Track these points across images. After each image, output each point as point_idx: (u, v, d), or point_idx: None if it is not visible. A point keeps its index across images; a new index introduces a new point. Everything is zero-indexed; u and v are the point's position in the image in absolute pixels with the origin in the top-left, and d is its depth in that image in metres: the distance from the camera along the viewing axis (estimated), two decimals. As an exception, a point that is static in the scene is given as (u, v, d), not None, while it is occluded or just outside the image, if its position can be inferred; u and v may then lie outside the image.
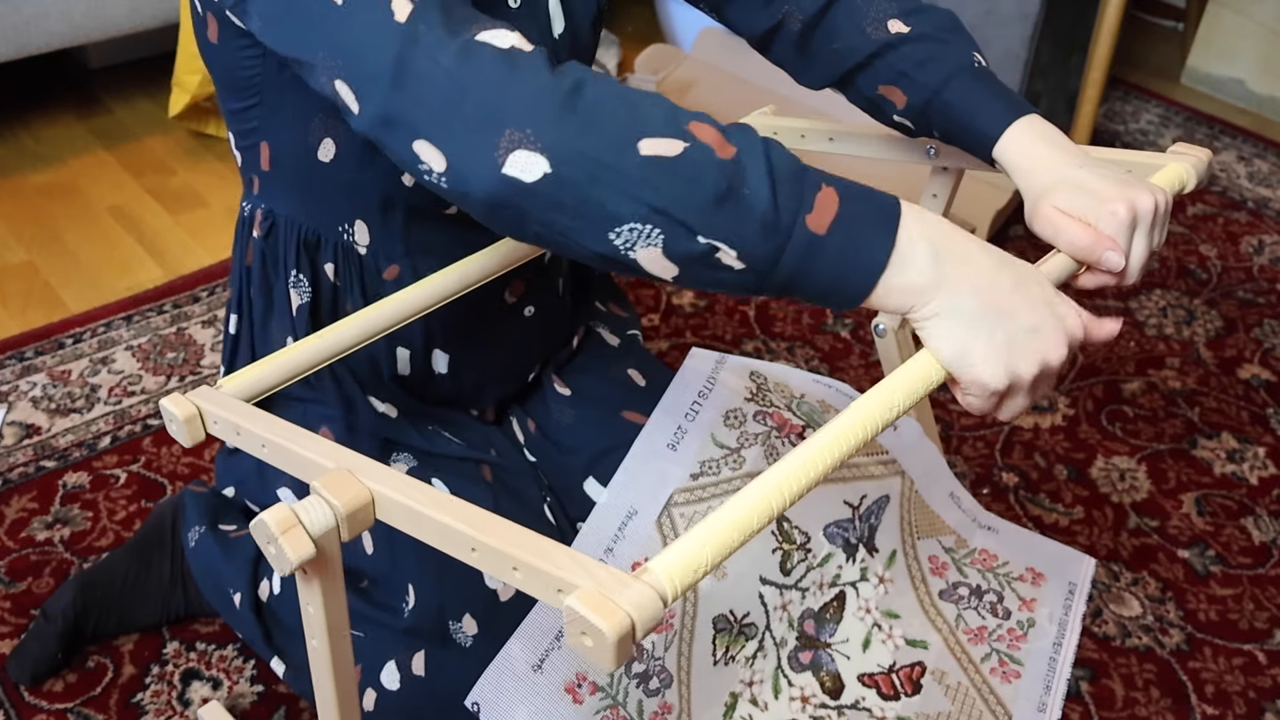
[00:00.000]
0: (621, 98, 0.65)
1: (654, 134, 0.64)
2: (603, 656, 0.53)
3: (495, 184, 0.64)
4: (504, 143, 0.64)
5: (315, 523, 0.65)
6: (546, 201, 0.64)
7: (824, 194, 0.65)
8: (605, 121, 0.64)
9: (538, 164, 0.63)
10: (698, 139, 0.64)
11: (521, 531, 0.60)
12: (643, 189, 0.63)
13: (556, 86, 0.64)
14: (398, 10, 0.67)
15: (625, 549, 1.03)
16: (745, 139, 0.66)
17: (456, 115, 0.65)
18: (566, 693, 0.98)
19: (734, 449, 1.09)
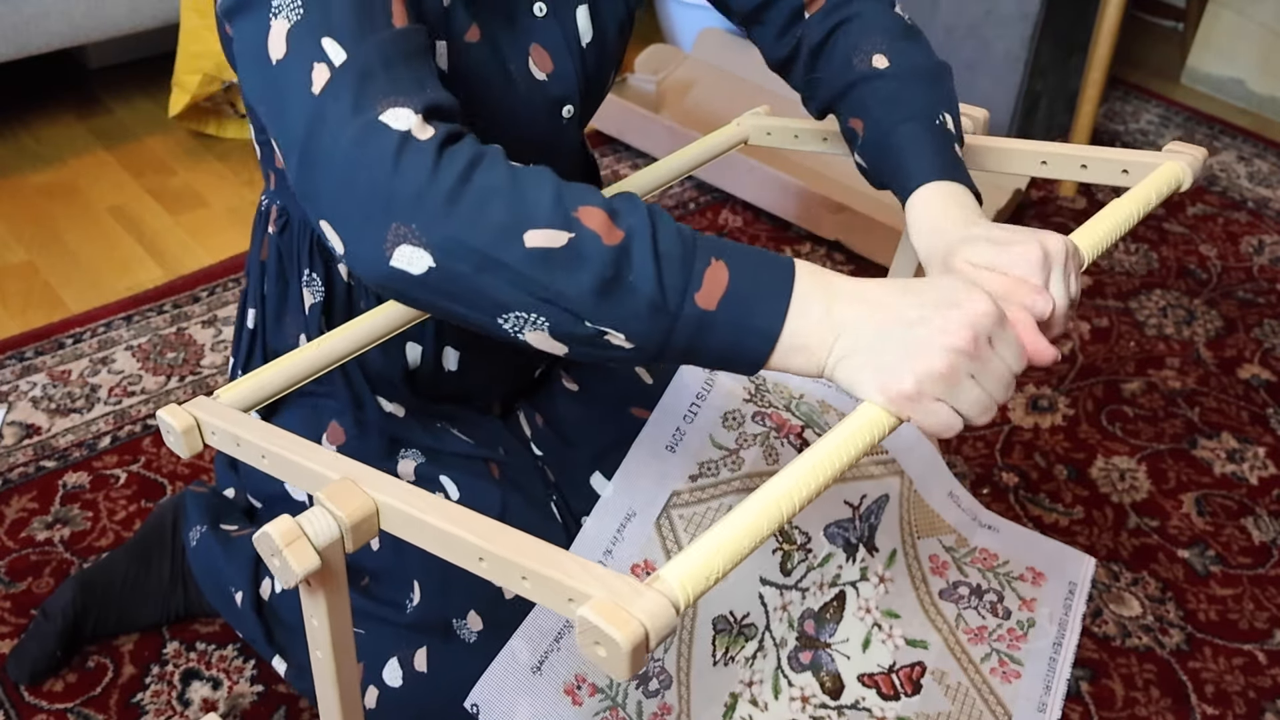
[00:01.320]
0: (509, 187, 0.65)
1: (539, 225, 0.64)
2: (617, 666, 0.53)
3: (384, 275, 0.65)
4: (390, 236, 0.64)
5: (320, 534, 0.65)
6: (434, 291, 0.65)
7: (714, 269, 0.65)
8: (489, 215, 0.64)
9: (423, 258, 0.64)
10: (584, 227, 0.64)
11: (529, 540, 0.60)
12: (528, 280, 0.64)
13: (441, 180, 0.64)
14: (315, 80, 0.67)
15: (624, 550, 1.03)
16: (634, 220, 0.65)
17: (349, 203, 0.65)
18: (566, 694, 0.98)
19: (733, 450, 1.09)
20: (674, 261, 0.65)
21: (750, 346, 0.66)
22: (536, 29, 0.91)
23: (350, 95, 0.66)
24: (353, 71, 0.67)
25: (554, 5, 0.92)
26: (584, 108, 0.97)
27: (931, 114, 0.89)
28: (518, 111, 0.91)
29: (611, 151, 2.23)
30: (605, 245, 0.64)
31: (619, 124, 2.19)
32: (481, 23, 0.86)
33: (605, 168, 2.18)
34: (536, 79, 0.91)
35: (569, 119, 0.96)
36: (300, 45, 0.68)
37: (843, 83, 0.93)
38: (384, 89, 0.67)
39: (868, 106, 0.91)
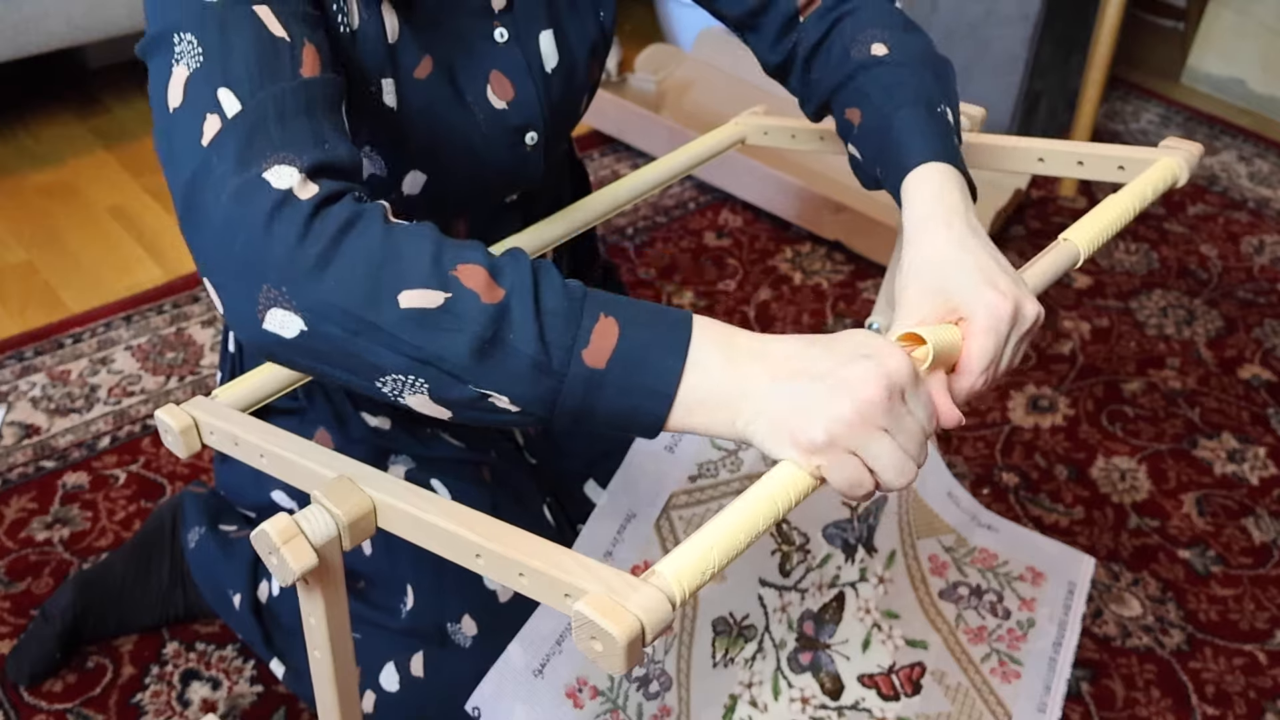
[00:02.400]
0: (384, 245, 0.62)
1: (415, 284, 0.61)
2: (613, 661, 0.53)
3: (258, 336, 0.64)
4: (262, 299, 0.62)
5: (317, 532, 0.65)
6: (309, 354, 0.64)
7: (602, 324, 0.62)
8: (362, 275, 0.61)
9: (294, 322, 0.62)
10: (463, 285, 0.61)
11: (527, 537, 0.60)
12: (403, 343, 0.61)
13: (312, 242, 0.61)
14: (206, 131, 0.65)
15: (624, 552, 1.03)
16: (516, 278, 0.62)
17: (226, 262, 0.63)
18: (567, 697, 0.98)
19: (732, 451, 1.09)
20: (558, 318, 0.62)
21: (646, 407, 0.62)
22: (497, 55, 0.88)
23: (236, 149, 0.64)
24: (244, 124, 0.65)
25: (516, 31, 0.89)
26: (550, 134, 0.94)
27: (933, 102, 0.85)
28: (474, 142, 0.88)
29: (611, 151, 2.23)
30: (484, 304, 0.61)
31: (619, 124, 2.19)
32: (435, 54, 0.84)
33: (605, 168, 2.18)
34: (495, 108, 0.88)
35: (533, 146, 0.93)
36: (197, 93, 0.66)
37: (840, 75, 0.90)
38: (273, 144, 0.64)
39: (866, 93, 0.87)
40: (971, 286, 0.72)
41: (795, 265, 1.92)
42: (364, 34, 0.79)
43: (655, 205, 2.06)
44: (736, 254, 1.95)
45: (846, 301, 1.84)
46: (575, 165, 1.14)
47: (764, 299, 1.83)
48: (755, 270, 1.91)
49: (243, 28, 0.68)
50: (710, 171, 2.05)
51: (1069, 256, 0.82)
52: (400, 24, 0.81)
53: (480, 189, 0.94)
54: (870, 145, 0.87)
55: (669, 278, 1.88)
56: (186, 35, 0.68)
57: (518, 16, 0.89)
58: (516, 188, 0.97)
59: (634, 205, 2.04)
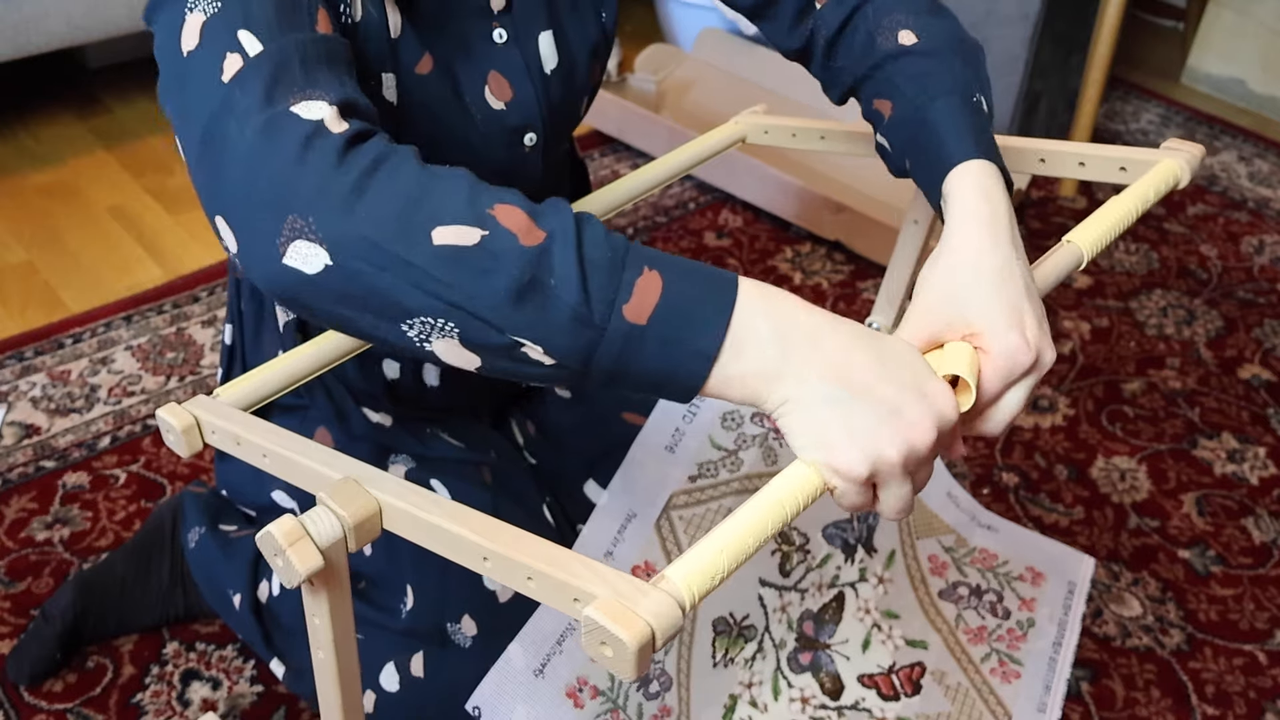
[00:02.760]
0: (419, 181, 0.60)
1: (450, 221, 0.58)
2: (623, 666, 0.53)
3: (277, 274, 0.60)
4: (286, 230, 0.59)
5: (323, 534, 0.65)
6: (331, 294, 0.60)
7: (646, 278, 0.59)
8: (394, 208, 0.58)
9: (318, 255, 0.59)
10: (500, 225, 0.58)
11: (534, 540, 0.60)
12: (434, 282, 0.58)
13: (346, 173, 0.59)
14: (227, 68, 0.63)
15: (625, 552, 1.03)
16: (559, 221, 0.59)
17: (249, 195, 0.60)
18: (567, 697, 0.98)
19: (732, 451, 1.09)
20: (601, 268, 0.58)
21: (685, 369, 0.59)
22: (495, 56, 0.88)
23: (262, 85, 0.61)
24: (268, 63, 0.62)
25: (515, 32, 0.88)
26: (549, 135, 0.93)
27: (968, 91, 0.82)
28: (472, 141, 0.88)
29: (611, 151, 2.23)
30: (523, 246, 0.58)
31: (619, 124, 2.19)
32: (435, 52, 0.84)
33: (605, 168, 2.18)
34: (493, 108, 0.88)
35: (531, 147, 0.92)
36: (214, 35, 0.64)
37: (867, 64, 0.86)
38: (299, 83, 0.62)
39: (896, 84, 0.84)
40: (997, 322, 0.70)
41: (795, 265, 1.92)
42: (366, 27, 0.79)
43: (655, 205, 2.06)
44: (736, 254, 1.95)
45: (846, 301, 1.84)
46: (576, 165, 1.14)
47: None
48: (755, 270, 1.91)
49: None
50: (710, 171, 2.05)
51: (1073, 259, 0.82)
52: (403, 20, 0.81)
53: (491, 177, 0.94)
54: (902, 136, 0.84)
55: (669, 278, 1.88)
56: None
57: (517, 17, 0.89)
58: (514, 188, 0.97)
59: (634, 205, 2.05)
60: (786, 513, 0.60)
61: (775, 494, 0.60)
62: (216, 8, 0.65)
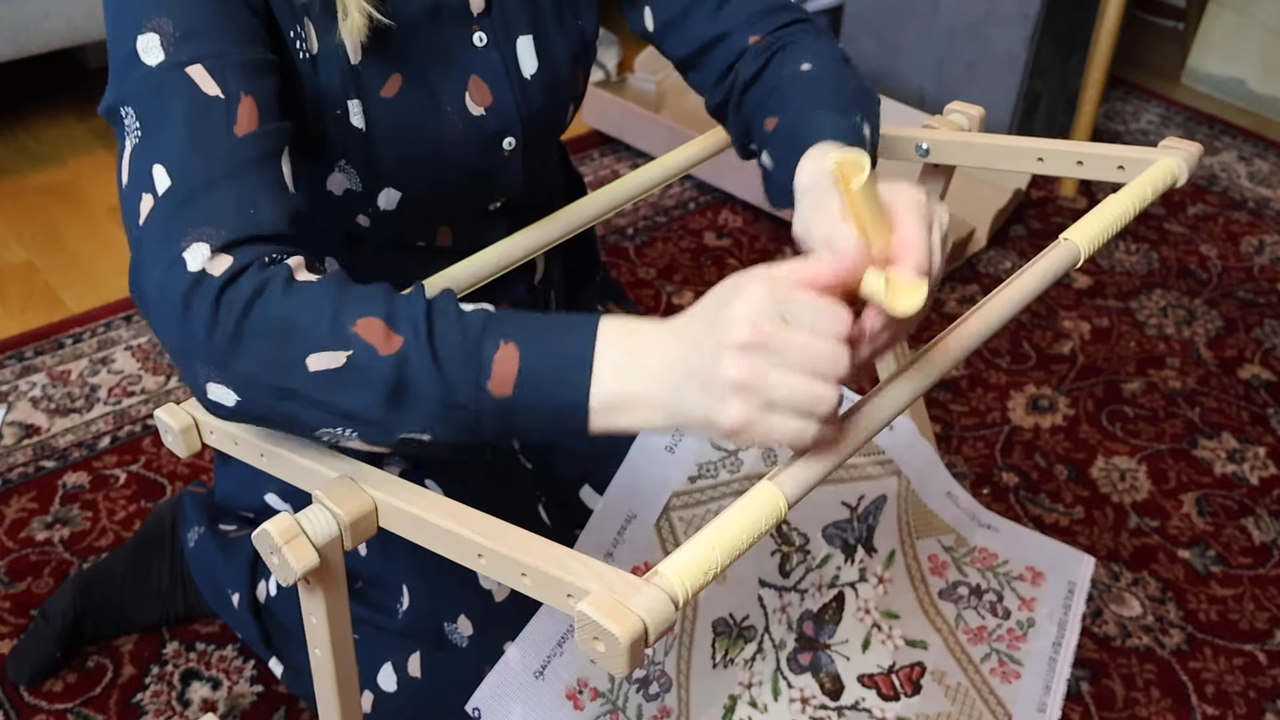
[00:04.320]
0: (285, 315, 0.65)
1: (318, 348, 0.64)
2: (616, 661, 0.53)
3: (207, 405, 0.68)
4: (200, 375, 0.67)
5: (318, 532, 0.65)
6: (251, 418, 0.68)
7: (503, 353, 0.63)
8: (271, 348, 0.65)
9: (228, 394, 0.67)
10: (361, 341, 0.64)
11: (529, 537, 0.60)
12: (321, 404, 0.65)
13: (224, 322, 0.65)
14: (143, 210, 0.69)
15: (624, 553, 1.03)
16: (410, 324, 0.64)
17: (166, 340, 0.68)
18: (567, 699, 0.98)
19: (732, 451, 1.09)
20: (455, 357, 0.63)
21: (566, 420, 0.63)
22: (475, 61, 0.88)
23: (160, 230, 0.67)
24: (170, 202, 0.68)
25: (494, 36, 0.89)
26: (530, 140, 0.93)
27: (851, 112, 0.84)
28: (448, 151, 0.88)
29: (611, 151, 2.23)
30: (382, 356, 0.63)
31: (619, 124, 2.19)
32: (405, 70, 0.84)
33: (605, 168, 2.18)
34: (473, 114, 0.88)
35: (511, 151, 0.92)
36: (136, 171, 0.70)
37: (765, 91, 0.90)
38: (195, 219, 0.67)
39: (785, 101, 0.86)
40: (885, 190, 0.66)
41: (795, 265, 1.92)
42: (324, 58, 0.80)
43: (655, 205, 2.06)
44: (736, 254, 1.95)
45: (846, 301, 1.84)
46: (571, 176, 1.14)
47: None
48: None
49: (176, 94, 0.70)
50: (710, 171, 2.05)
51: (1070, 256, 0.82)
52: (363, 45, 0.81)
53: (458, 200, 0.94)
54: (780, 149, 0.85)
55: (669, 278, 1.88)
56: (129, 109, 0.71)
57: (496, 21, 0.89)
58: (496, 195, 0.96)
59: (634, 205, 2.05)
60: (780, 508, 0.60)
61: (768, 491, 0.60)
62: (138, 137, 0.70)
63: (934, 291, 0.63)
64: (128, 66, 0.71)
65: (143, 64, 0.71)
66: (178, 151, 0.69)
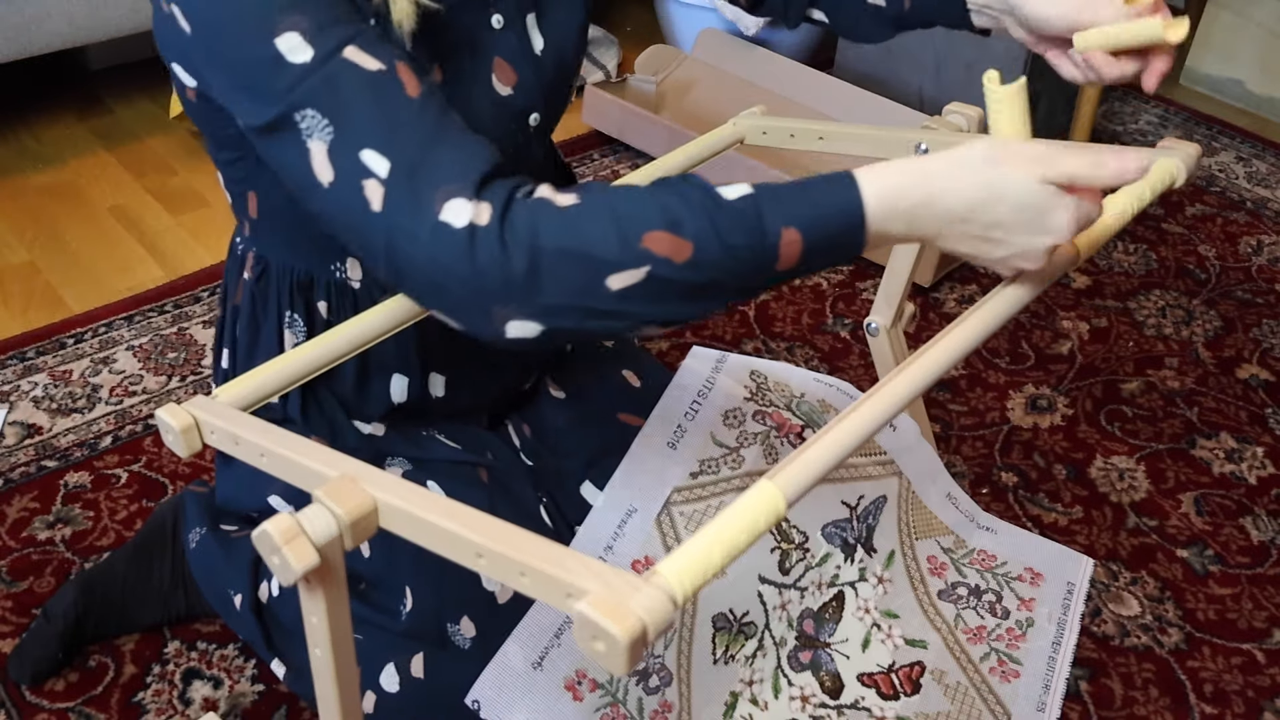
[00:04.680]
0: (574, 239, 0.68)
1: (615, 268, 0.68)
2: (615, 661, 0.53)
3: (509, 344, 0.71)
4: (497, 319, 0.70)
5: (318, 532, 0.65)
6: (559, 339, 0.72)
7: (786, 239, 0.69)
8: (570, 275, 0.68)
9: (531, 327, 0.70)
10: (655, 255, 0.68)
11: (528, 536, 0.60)
12: (626, 315, 0.70)
13: (515, 261, 0.67)
14: (372, 199, 0.70)
15: (624, 547, 1.03)
16: (697, 226, 0.68)
17: (448, 299, 0.70)
18: (566, 690, 0.98)
19: (733, 448, 1.09)
20: (746, 250, 0.68)
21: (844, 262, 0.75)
22: (497, 42, 0.90)
23: (407, 204, 0.69)
24: (400, 176, 0.69)
25: (509, 16, 0.91)
26: (547, 115, 0.97)
27: None
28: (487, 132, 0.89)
29: (611, 151, 2.24)
30: (679, 264, 0.68)
31: (619, 124, 2.20)
32: (444, 58, 0.86)
33: (605, 168, 2.19)
34: (501, 94, 0.91)
35: (535, 128, 0.96)
36: (344, 166, 0.70)
37: None
38: (432, 179, 0.69)
39: None
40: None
41: (795, 265, 1.92)
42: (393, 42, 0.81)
43: (655, 205, 2.06)
44: (736, 254, 1.95)
45: (845, 302, 1.84)
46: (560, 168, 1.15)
47: (764, 299, 1.84)
48: (755, 270, 1.91)
49: (347, 79, 0.71)
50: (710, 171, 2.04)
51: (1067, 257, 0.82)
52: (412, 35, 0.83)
53: None
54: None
55: (669, 278, 1.88)
56: (306, 111, 0.70)
57: (508, 2, 0.91)
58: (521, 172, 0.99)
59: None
60: (779, 508, 0.60)
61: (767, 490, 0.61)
62: (330, 133, 0.70)
63: None
64: (273, 73, 0.71)
65: (293, 64, 0.70)
66: (379, 131, 0.70)
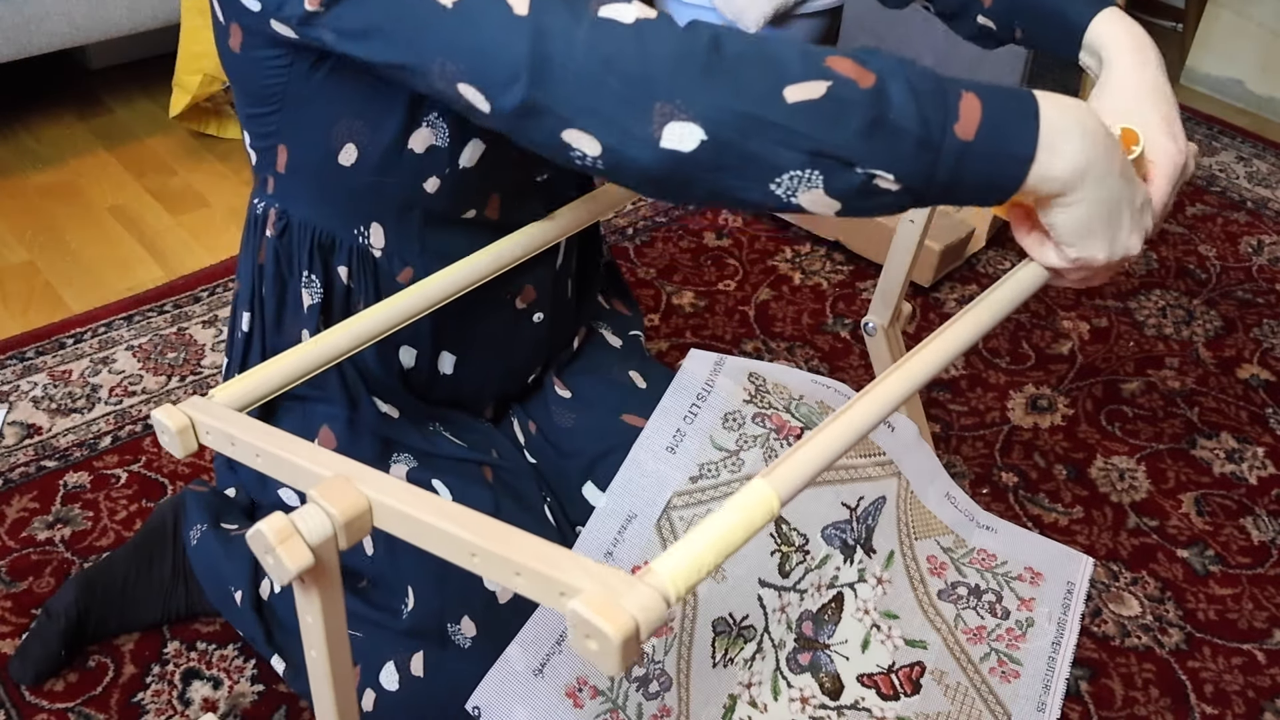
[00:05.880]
0: (756, 48, 0.66)
1: (796, 79, 0.65)
2: (608, 660, 0.53)
3: (655, 159, 0.66)
4: (656, 117, 0.65)
5: (313, 531, 0.65)
6: (708, 165, 0.66)
7: (966, 101, 0.66)
8: (748, 77, 0.65)
9: (693, 133, 0.65)
10: (839, 74, 0.65)
11: (522, 536, 0.60)
12: (797, 135, 0.64)
13: (693, 51, 0.65)
14: (516, 4, 0.67)
15: (625, 552, 1.03)
16: (882, 63, 0.66)
17: (604, 99, 0.66)
18: (567, 697, 0.98)
19: (733, 451, 1.09)
20: (929, 96, 0.66)
21: (1007, 175, 0.68)
22: None
23: (560, 4, 0.66)
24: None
25: None
26: None
27: None
28: None
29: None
30: (863, 89, 0.65)
31: (619, 124, 2.19)
32: None
33: (605, 168, 2.18)
34: None
35: None
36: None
37: None
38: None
39: None
40: (1157, 133, 0.82)
41: (795, 265, 1.93)
42: None
43: (655, 205, 2.07)
44: (736, 254, 1.95)
45: (846, 302, 1.84)
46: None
47: (764, 299, 1.83)
48: (755, 270, 1.91)
49: None
50: (710, 172, 2.05)
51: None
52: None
53: (526, 158, 0.95)
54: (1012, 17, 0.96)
55: (669, 278, 1.88)
56: None
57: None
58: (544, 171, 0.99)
59: (634, 205, 2.05)
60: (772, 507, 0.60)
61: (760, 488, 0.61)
62: None
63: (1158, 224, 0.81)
64: None
65: None
66: None
